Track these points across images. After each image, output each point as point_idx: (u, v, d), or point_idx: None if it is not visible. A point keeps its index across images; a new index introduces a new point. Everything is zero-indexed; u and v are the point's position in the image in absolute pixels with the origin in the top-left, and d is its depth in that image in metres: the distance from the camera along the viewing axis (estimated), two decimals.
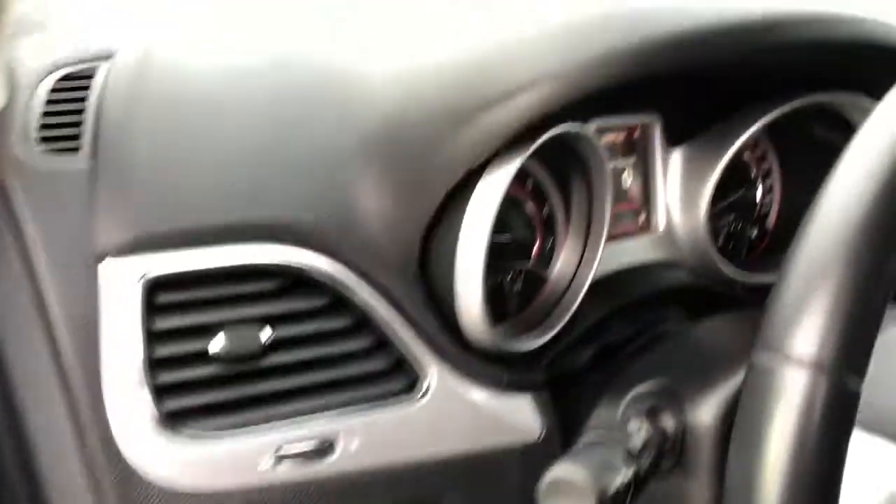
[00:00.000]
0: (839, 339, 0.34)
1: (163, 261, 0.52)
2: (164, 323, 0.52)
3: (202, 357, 0.53)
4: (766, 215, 0.85)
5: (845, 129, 0.78)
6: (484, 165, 0.57)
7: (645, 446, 0.49)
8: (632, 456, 0.48)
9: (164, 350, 0.52)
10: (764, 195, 0.85)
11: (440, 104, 0.56)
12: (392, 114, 0.58)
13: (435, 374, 0.59)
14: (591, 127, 0.71)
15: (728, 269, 0.75)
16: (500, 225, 0.69)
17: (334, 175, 0.57)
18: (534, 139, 0.57)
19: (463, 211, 0.57)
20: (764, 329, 0.36)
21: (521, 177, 0.69)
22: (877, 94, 0.76)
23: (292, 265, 0.54)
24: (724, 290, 0.78)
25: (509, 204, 0.69)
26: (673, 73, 0.58)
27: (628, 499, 0.46)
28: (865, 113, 0.77)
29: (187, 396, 0.52)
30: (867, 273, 0.35)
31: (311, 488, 0.54)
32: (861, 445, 0.43)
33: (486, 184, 0.57)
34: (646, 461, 0.48)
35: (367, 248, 0.57)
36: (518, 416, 0.61)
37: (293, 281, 0.55)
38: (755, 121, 0.72)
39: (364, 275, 0.56)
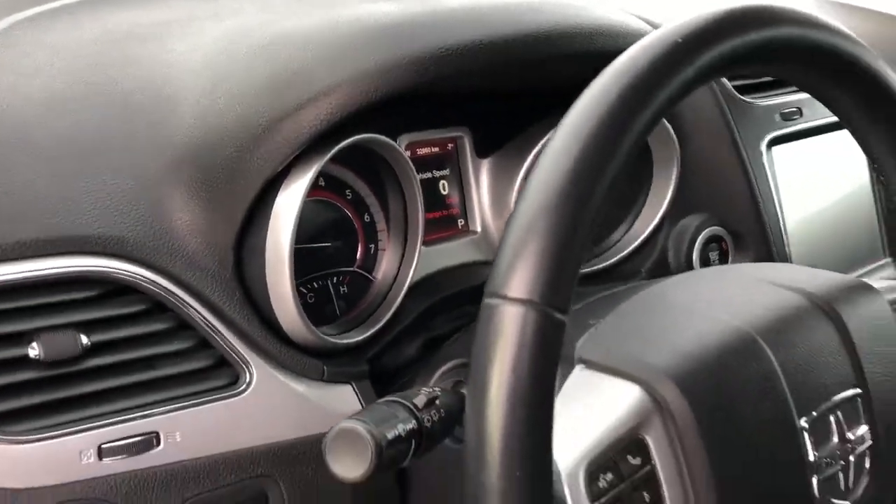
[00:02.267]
0: (544, 281, 0.41)
1: None
2: None
3: (22, 362, 0.56)
4: None
5: None
6: (288, 173, 0.63)
7: (429, 403, 0.55)
8: (414, 411, 0.54)
9: None
10: None
11: (240, 118, 0.62)
12: (198, 132, 0.63)
13: (256, 370, 0.63)
14: (403, 141, 0.78)
15: None
16: (322, 232, 0.75)
17: (148, 191, 0.62)
18: (331, 149, 0.64)
19: (268, 217, 0.63)
20: (490, 277, 0.43)
21: (339, 187, 0.76)
22: None
23: (110, 274, 0.58)
24: None
25: (330, 212, 0.75)
26: (452, 86, 0.66)
27: (410, 449, 0.52)
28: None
29: (7, 401, 0.55)
30: (565, 228, 0.42)
31: (137, 479, 0.57)
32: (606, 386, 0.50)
33: (286, 191, 0.62)
34: (429, 416, 0.54)
35: (181, 256, 0.61)
36: (339, 404, 0.66)
37: (113, 289, 0.59)
38: (547, 131, 0.81)
39: (180, 281, 0.61)
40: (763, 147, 0.93)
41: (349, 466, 0.51)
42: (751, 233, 0.92)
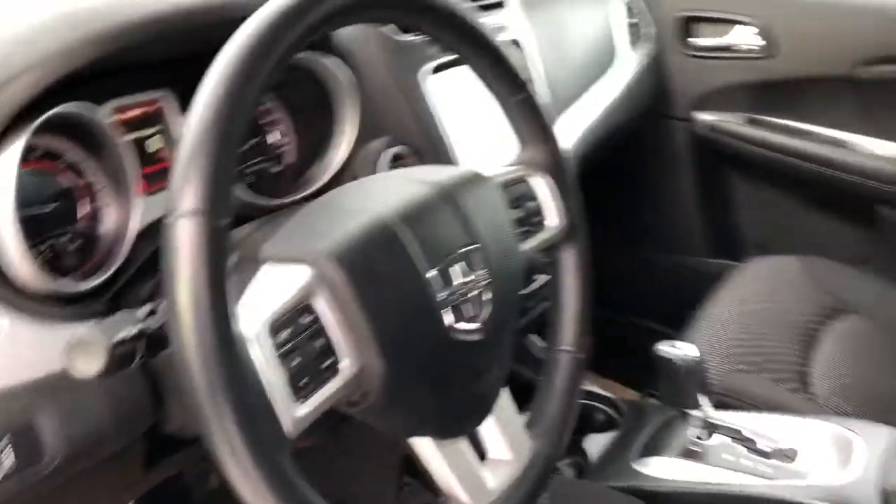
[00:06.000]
0: (206, 195, 0.57)
1: None
2: None
3: None
4: (287, 154, 1.10)
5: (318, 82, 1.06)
6: None
7: (151, 313, 0.69)
8: (138, 319, 0.68)
9: None
10: (282, 138, 1.09)
11: None
12: None
13: (6, 321, 0.74)
14: (111, 106, 0.89)
15: (246, 196, 0.99)
16: (46, 197, 0.84)
17: None
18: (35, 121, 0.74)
19: None
20: (168, 202, 0.57)
21: (54, 156, 0.85)
22: (335, 51, 1.04)
23: None
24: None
25: (50, 179, 0.85)
26: (138, 55, 0.79)
27: (138, 350, 0.66)
28: (328, 69, 1.05)
29: None
30: (214, 158, 0.58)
31: None
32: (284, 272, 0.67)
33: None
34: (153, 322, 0.68)
35: None
36: None
37: None
38: None
39: None
40: (420, 76, 1.14)
41: (87, 365, 0.64)
42: (424, 148, 1.13)
